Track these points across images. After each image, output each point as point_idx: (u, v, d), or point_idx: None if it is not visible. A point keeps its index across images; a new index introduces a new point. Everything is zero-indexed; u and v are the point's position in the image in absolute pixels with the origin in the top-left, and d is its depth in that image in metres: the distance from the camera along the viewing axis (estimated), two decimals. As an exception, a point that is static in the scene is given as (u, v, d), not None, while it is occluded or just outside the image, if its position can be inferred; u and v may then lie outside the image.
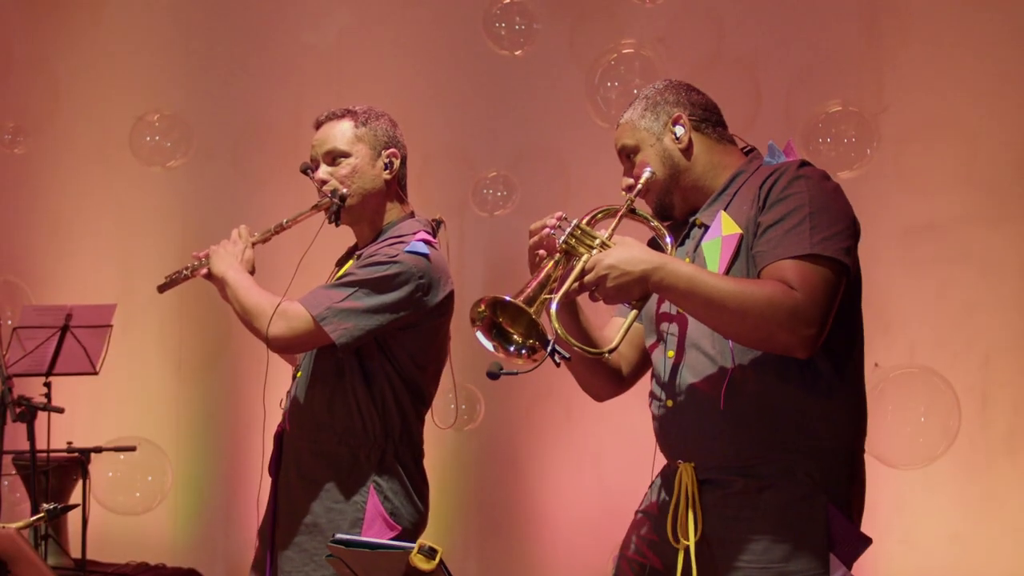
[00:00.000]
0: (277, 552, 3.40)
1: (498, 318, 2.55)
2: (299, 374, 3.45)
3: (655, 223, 2.83)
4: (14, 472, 6.41)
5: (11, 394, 5.25)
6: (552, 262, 2.61)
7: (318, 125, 3.51)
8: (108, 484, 6.27)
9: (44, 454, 5.81)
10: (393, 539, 3.22)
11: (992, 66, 5.53)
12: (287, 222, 3.44)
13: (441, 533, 6.25)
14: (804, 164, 2.77)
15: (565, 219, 2.64)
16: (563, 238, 2.61)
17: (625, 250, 2.57)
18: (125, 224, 7.14)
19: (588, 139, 5.83)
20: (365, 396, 3.33)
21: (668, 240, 2.78)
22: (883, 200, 5.64)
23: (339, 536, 2.62)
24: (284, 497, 3.42)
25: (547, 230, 2.65)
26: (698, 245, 2.79)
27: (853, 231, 2.71)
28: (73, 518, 6.18)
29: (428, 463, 3.61)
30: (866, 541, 2.72)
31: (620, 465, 5.68)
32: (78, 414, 6.09)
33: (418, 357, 3.41)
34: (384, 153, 3.49)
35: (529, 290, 2.53)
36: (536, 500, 6.22)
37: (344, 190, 3.39)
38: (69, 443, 6.17)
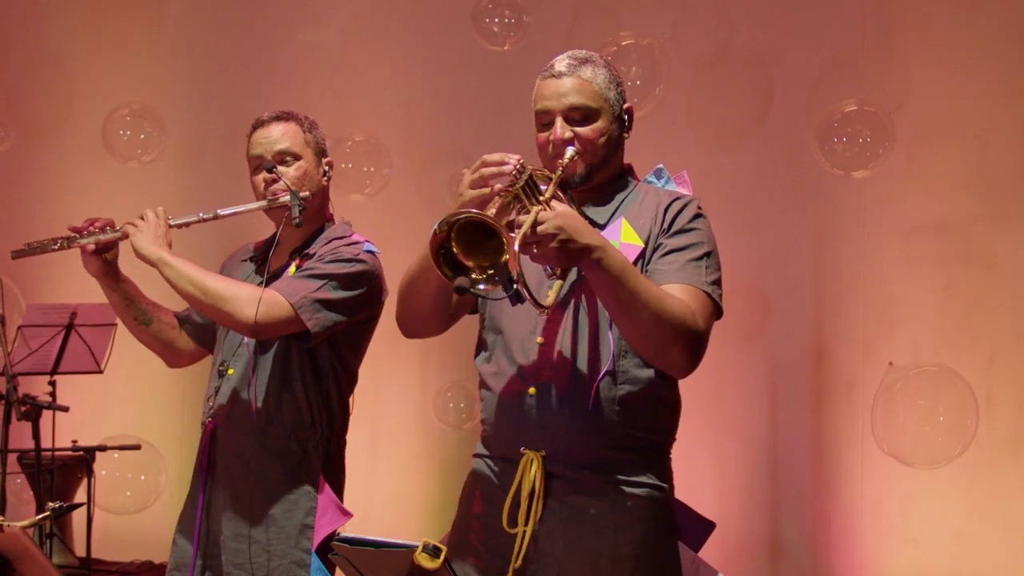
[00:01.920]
0: (213, 549, 3.43)
1: (450, 243, 2.47)
2: (231, 371, 3.47)
3: (573, 204, 2.79)
4: (19, 471, 6.42)
5: (16, 393, 5.27)
6: (503, 202, 2.57)
7: (260, 125, 3.53)
8: (101, 483, 6.28)
9: (49, 453, 5.82)
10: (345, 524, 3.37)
11: (999, 68, 5.54)
12: (222, 212, 3.47)
13: (444, 531, 6.26)
14: (699, 203, 2.85)
15: (523, 166, 2.59)
16: (520, 183, 2.57)
17: (573, 219, 2.54)
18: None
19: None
20: (314, 390, 3.41)
21: None
22: (890, 199, 5.66)
23: (343, 535, 2.64)
24: (226, 493, 3.44)
25: (509, 167, 2.59)
26: None
27: (720, 284, 2.80)
28: (78, 517, 6.19)
29: (431, 461, 3.65)
30: (710, 525, 2.86)
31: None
32: (83, 413, 6.09)
33: (357, 350, 3.53)
34: (324, 162, 3.58)
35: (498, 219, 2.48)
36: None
37: (304, 192, 3.45)
38: (74, 442, 6.18)
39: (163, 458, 6.55)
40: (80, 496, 6.34)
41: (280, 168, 3.45)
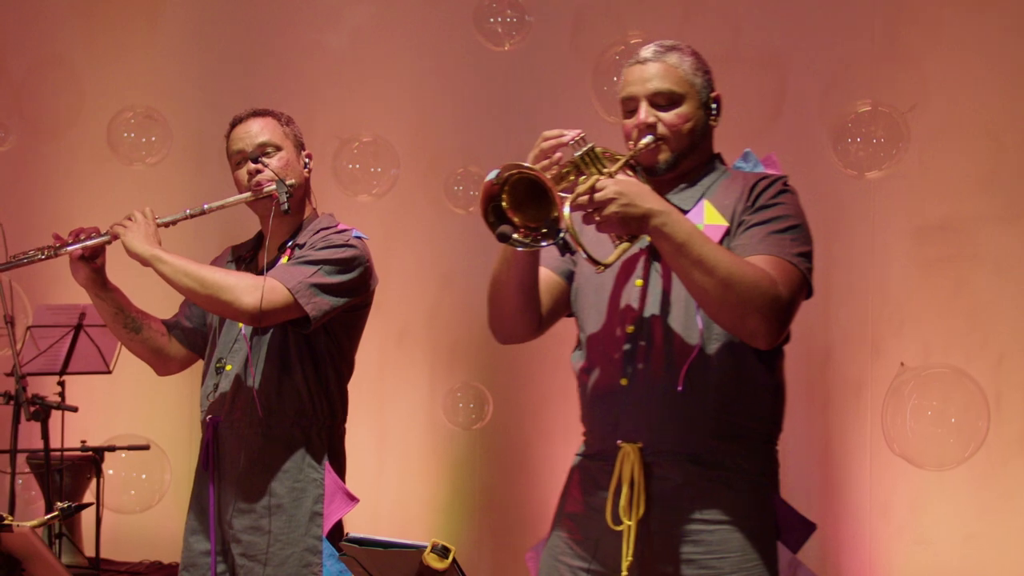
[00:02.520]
0: (229, 543, 3.45)
1: (501, 199, 2.50)
2: (228, 367, 3.50)
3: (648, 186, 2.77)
4: (28, 471, 6.43)
5: (25, 393, 5.27)
6: (561, 171, 2.58)
7: (239, 121, 3.59)
8: (107, 483, 6.29)
9: (58, 453, 5.83)
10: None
11: (1011, 68, 5.53)
12: (209, 207, 3.47)
13: (453, 531, 6.27)
14: (788, 180, 2.81)
15: (583, 139, 2.60)
16: (580, 152, 2.58)
17: (635, 185, 2.55)
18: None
19: (594, 135, 5.84)
20: (313, 377, 3.45)
21: None
22: (899, 199, 5.65)
23: (351, 535, 2.63)
24: (234, 486, 3.46)
25: (567, 138, 2.59)
26: None
27: (813, 256, 2.76)
28: (87, 517, 6.21)
29: (440, 462, 3.66)
30: (810, 526, 2.78)
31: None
32: (92, 413, 6.11)
33: (352, 337, 3.57)
34: (303, 153, 3.60)
35: (550, 177, 2.49)
36: (547, 497, 6.22)
37: (291, 180, 3.49)
38: (83, 442, 6.20)
39: (167, 457, 6.56)
40: (89, 496, 6.35)
41: (263, 159, 3.49)
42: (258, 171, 3.48)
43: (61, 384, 5.94)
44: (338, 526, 3.45)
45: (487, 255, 6.65)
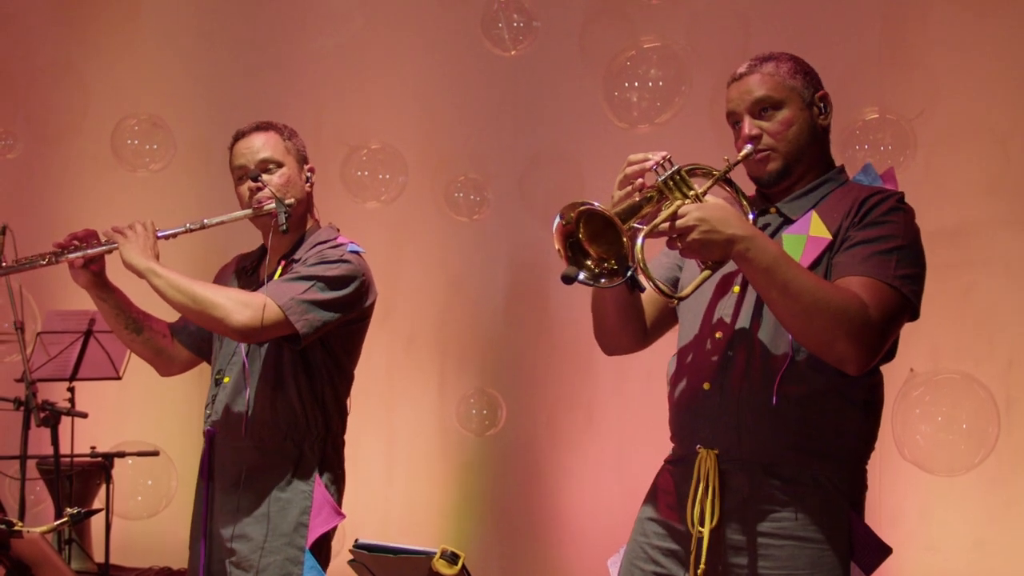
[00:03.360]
0: (218, 553, 3.48)
1: (579, 232, 2.48)
2: (226, 379, 3.53)
3: (744, 200, 2.79)
4: (38, 476, 6.44)
5: (35, 399, 5.27)
6: (644, 195, 2.57)
7: (241, 136, 3.60)
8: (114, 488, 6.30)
9: (68, 459, 5.84)
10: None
11: (1014, 74, 5.53)
12: (208, 223, 3.49)
13: (463, 537, 6.26)
14: (904, 198, 2.75)
15: (669, 161, 2.59)
16: (663, 177, 2.57)
17: (719, 210, 2.52)
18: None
19: (603, 141, 5.85)
20: (307, 391, 3.45)
21: (751, 217, 2.75)
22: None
23: (361, 541, 2.64)
24: (226, 497, 3.49)
25: (650, 163, 2.60)
26: (776, 233, 2.77)
27: (923, 277, 2.69)
28: (96, 522, 6.21)
29: (449, 468, 3.65)
30: (886, 550, 2.73)
31: (641, 470, 5.68)
32: (101, 419, 6.11)
33: (351, 351, 3.57)
34: (305, 168, 3.62)
35: (620, 211, 2.48)
36: (557, 504, 6.22)
37: (290, 199, 3.50)
38: (93, 448, 6.20)
39: (174, 464, 6.57)
40: (98, 502, 6.35)
41: (264, 176, 3.50)
42: (259, 188, 3.49)
43: (71, 390, 5.94)
44: (323, 540, 3.45)
45: (495, 261, 6.70)
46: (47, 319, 6.00)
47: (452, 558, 2.47)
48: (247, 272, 3.67)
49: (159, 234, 3.45)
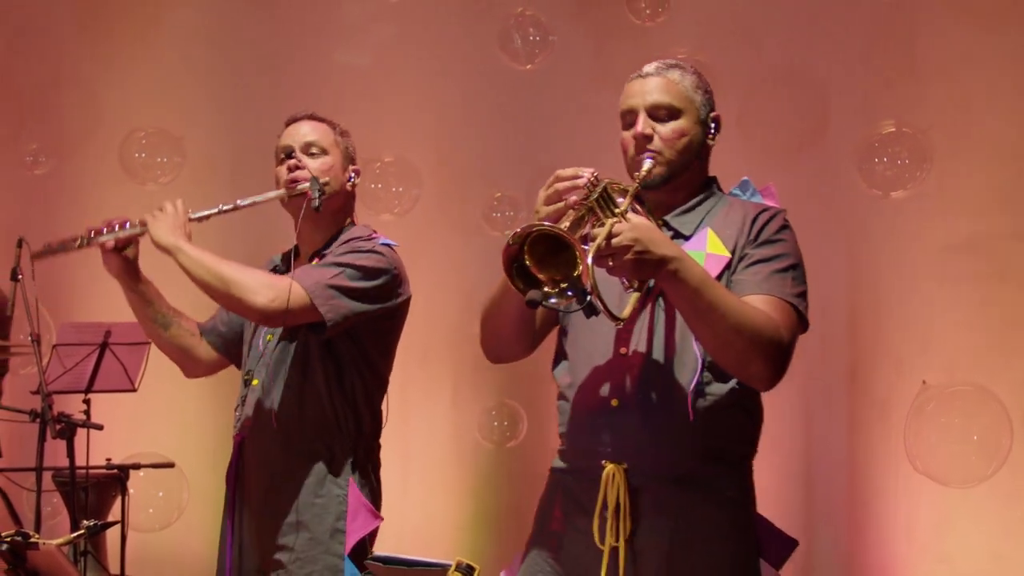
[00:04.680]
0: (248, 563, 3.41)
1: (523, 256, 2.47)
2: (255, 381, 3.44)
3: (652, 216, 2.79)
4: (54, 488, 6.44)
5: (51, 411, 5.28)
6: (577, 214, 2.57)
7: (293, 120, 3.56)
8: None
9: (83, 470, 5.83)
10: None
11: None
12: (242, 203, 3.44)
13: (478, 548, 6.25)
14: (787, 215, 2.84)
15: (597, 179, 2.60)
16: (595, 195, 2.57)
17: (649, 231, 2.55)
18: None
19: (616, 155, 5.85)
20: (337, 390, 3.35)
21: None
22: (924, 218, 5.65)
23: (376, 554, 2.63)
24: (258, 503, 3.41)
25: (583, 180, 2.59)
26: None
27: (806, 296, 2.78)
28: (112, 535, 6.20)
29: (463, 478, 3.63)
30: (792, 544, 2.84)
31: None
32: (116, 431, 6.11)
33: (383, 351, 3.46)
34: (350, 168, 3.56)
35: (568, 229, 2.47)
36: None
37: (325, 178, 3.43)
38: (108, 460, 6.20)
39: (186, 476, 6.57)
40: (114, 514, 6.35)
41: (305, 158, 3.45)
42: (297, 167, 3.43)
43: (86, 402, 5.94)
44: (362, 545, 3.34)
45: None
46: (62, 331, 6.01)
47: (467, 570, 2.46)
48: (277, 272, 3.57)
49: (192, 216, 3.40)
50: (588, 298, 2.45)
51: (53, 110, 7.57)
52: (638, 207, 2.73)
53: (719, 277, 2.70)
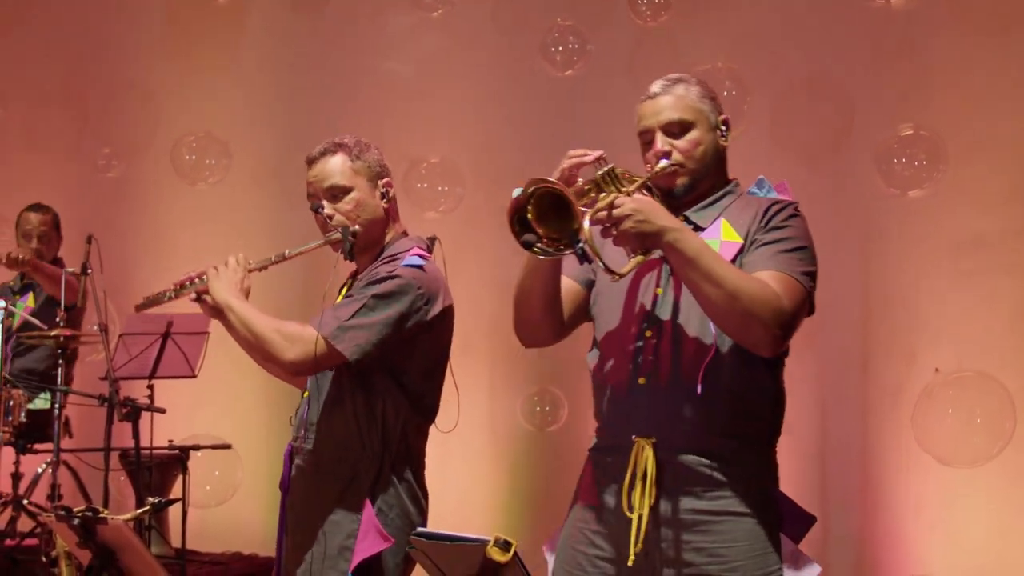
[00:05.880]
0: (287, 565, 3.37)
1: (527, 211, 2.58)
2: (306, 393, 3.41)
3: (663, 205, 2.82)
4: (121, 468, 6.52)
5: (118, 396, 5.36)
6: (583, 189, 2.64)
7: (311, 162, 3.41)
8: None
9: (148, 451, 5.90)
10: (386, 549, 3.21)
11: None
12: (289, 253, 3.37)
13: (513, 525, 6.29)
14: (798, 206, 2.87)
15: (604, 160, 2.68)
16: (601, 171, 2.66)
17: (650, 204, 2.63)
18: (219, 239, 7.22)
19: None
20: (364, 411, 3.26)
21: None
22: (935, 215, 5.64)
23: (420, 529, 2.66)
24: (292, 512, 3.39)
25: (590, 158, 2.68)
26: None
27: (816, 276, 2.80)
28: (174, 511, 6.28)
29: (501, 460, 3.62)
30: (810, 519, 2.85)
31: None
32: (178, 414, 6.18)
33: (420, 369, 3.33)
34: (380, 183, 3.42)
35: (570, 193, 2.56)
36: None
37: (354, 227, 3.32)
38: (170, 441, 6.27)
39: (240, 457, 6.64)
40: (176, 492, 6.42)
41: (331, 206, 3.35)
42: (330, 216, 3.34)
43: (150, 387, 6.01)
44: (372, 567, 3.22)
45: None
46: (128, 322, 6.08)
47: (505, 546, 2.48)
48: (340, 290, 3.53)
49: (250, 267, 3.35)
50: (580, 245, 2.51)
51: (115, 116, 7.66)
52: (647, 193, 2.78)
53: (732, 261, 2.74)
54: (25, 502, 5.98)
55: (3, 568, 5.91)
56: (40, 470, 6.05)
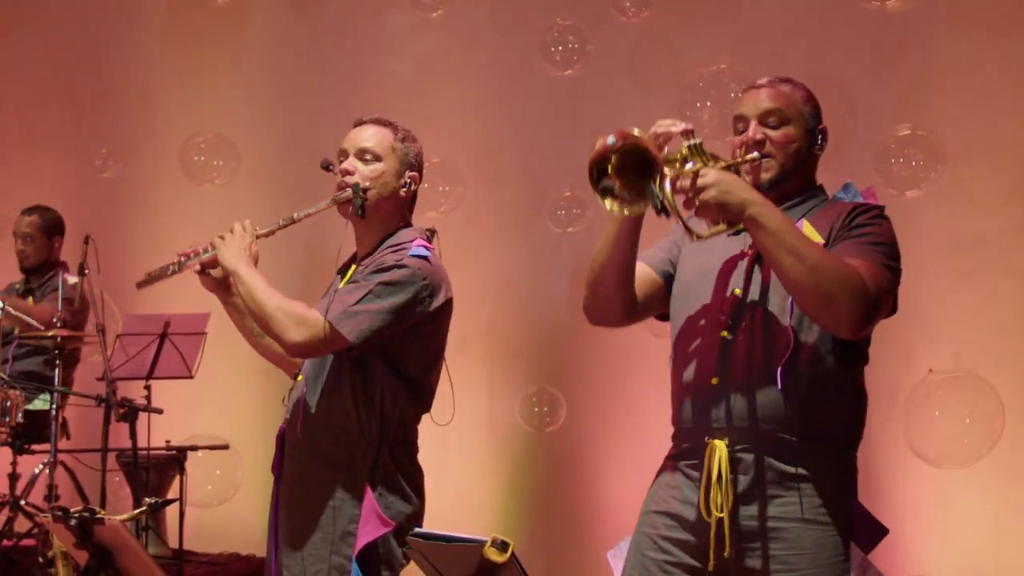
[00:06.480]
0: (281, 551, 3.36)
1: (608, 162, 2.55)
2: (299, 377, 3.40)
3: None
4: (118, 468, 6.51)
5: (115, 396, 5.36)
6: (671, 156, 2.62)
7: (358, 124, 3.46)
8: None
9: (145, 452, 5.90)
10: (387, 534, 3.21)
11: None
12: (298, 216, 3.37)
13: (511, 526, 6.27)
14: (884, 210, 2.85)
15: (692, 133, 2.65)
16: (688, 143, 2.63)
17: (734, 177, 2.62)
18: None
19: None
20: (362, 397, 3.25)
21: None
22: (934, 215, 5.63)
23: (417, 530, 2.65)
24: (286, 497, 3.38)
25: (678, 128, 2.65)
26: None
27: (900, 275, 2.77)
28: (171, 511, 6.27)
29: (499, 461, 3.61)
30: (883, 530, 2.77)
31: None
32: (175, 415, 6.17)
33: (418, 359, 3.35)
34: (407, 174, 3.44)
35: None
36: (604, 500, 6.22)
37: (366, 183, 3.33)
38: (167, 442, 6.26)
39: (241, 456, 6.63)
40: (173, 492, 6.41)
41: (357, 163, 3.37)
42: (347, 172, 3.36)
43: (147, 388, 6.00)
44: (373, 552, 3.23)
45: (543, 268, 6.70)
46: (126, 322, 6.07)
47: (502, 546, 2.48)
48: (341, 274, 3.51)
49: (258, 232, 3.36)
50: (660, 199, 2.49)
51: (113, 116, 7.65)
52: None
53: None
54: (22, 503, 5.97)
55: (0, 568, 5.90)
56: (37, 471, 6.03)
